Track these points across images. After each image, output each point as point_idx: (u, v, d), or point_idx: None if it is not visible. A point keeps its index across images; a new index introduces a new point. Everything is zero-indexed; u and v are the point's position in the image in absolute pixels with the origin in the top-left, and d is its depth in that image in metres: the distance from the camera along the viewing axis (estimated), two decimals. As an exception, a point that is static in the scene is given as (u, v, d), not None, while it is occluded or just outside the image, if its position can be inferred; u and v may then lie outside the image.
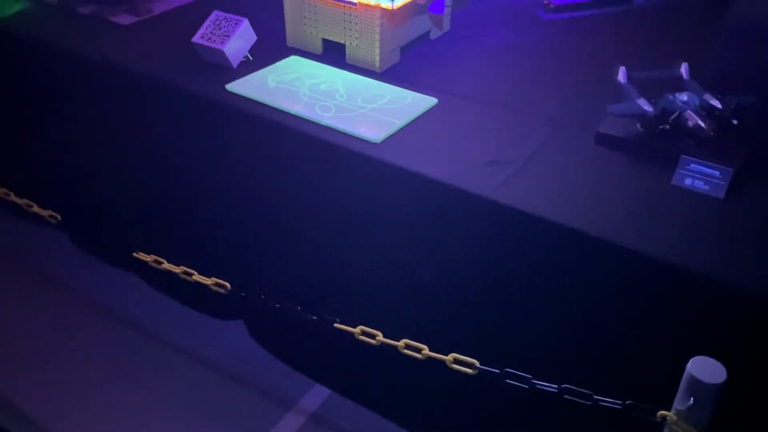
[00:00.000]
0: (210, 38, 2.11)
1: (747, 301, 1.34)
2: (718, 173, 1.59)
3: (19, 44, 2.40)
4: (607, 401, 1.33)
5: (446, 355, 1.42)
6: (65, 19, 2.49)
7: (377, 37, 2.06)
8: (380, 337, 1.52)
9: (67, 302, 2.68)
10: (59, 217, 2.14)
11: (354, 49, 2.13)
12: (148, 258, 1.86)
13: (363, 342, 1.54)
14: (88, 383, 2.37)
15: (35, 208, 2.18)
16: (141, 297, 2.51)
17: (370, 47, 2.09)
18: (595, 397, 1.32)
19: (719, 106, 1.71)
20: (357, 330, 1.55)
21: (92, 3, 2.55)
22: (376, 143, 1.78)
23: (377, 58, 2.10)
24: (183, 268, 1.79)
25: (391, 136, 1.81)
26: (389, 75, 2.11)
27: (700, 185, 1.60)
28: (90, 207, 2.37)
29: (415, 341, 1.48)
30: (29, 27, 2.42)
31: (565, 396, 1.34)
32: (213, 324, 2.42)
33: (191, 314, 2.42)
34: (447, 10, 2.34)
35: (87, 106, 2.33)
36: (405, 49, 2.22)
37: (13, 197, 2.25)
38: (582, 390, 1.34)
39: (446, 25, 2.39)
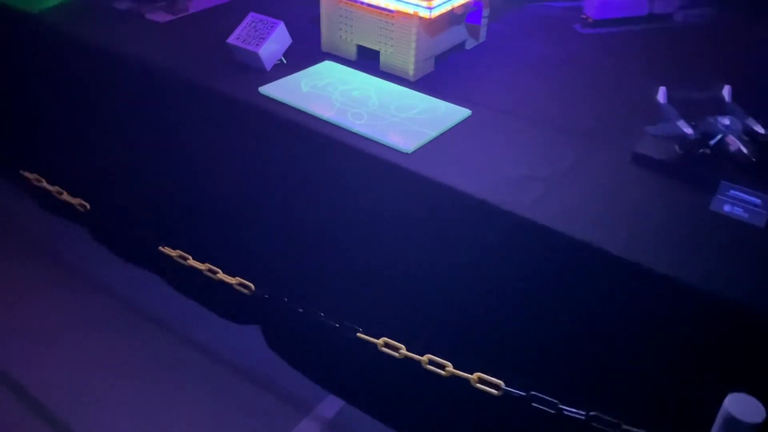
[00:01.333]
0: (245, 40, 2.10)
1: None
2: (759, 201, 1.55)
3: (55, 37, 2.41)
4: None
5: (471, 373, 1.39)
6: (102, 14, 2.50)
7: (413, 45, 2.04)
8: (403, 350, 1.49)
9: (88, 297, 2.69)
10: (88, 206, 2.14)
11: (388, 57, 2.12)
12: (174, 253, 1.86)
13: (385, 354, 1.51)
14: (106, 379, 2.38)
15: (65, 196, 2.20)
16: (163, 296, 2.51)
17: (405, 55, 2.07)
18: (625, 427, 1.28)
19: (762, 131, 1.67)
20: (380, 341, 1.52)
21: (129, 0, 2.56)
22: (407, 153, 1.76)
23: (412, 66, 2.08)
24: (208, 265, 1.79)
25: (423, 146, 1.79)
26: (423, 84, 2.09)
27: (739, 212, 1.56)
28: (118, 201, 2.38)
29: (438, 357, 1.45)
30: (66, 21, 2.43)
31: (593, 424, 1.31)
32: (233, 327, 2.41)
33: (212, 316, 2.41)
34: (484, 21, 2.32)
35: (119, 102, 2.34)
36: (440, 59, 2.19)
37: (45, 184, 2.27)
38: (611, 419, 1.30)
39: (482, 36, 2.36)
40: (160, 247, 1.89)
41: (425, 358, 1.47)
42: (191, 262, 1.82)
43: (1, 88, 2.70)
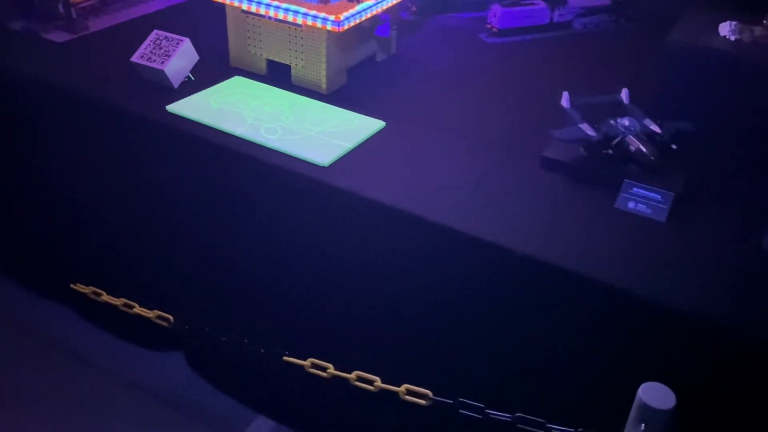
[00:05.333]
0: (150, 58, 2.04)
1: (689, 323, 1.36)
2: (659, 197, 1.63)
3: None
4: (560, 429, 1.32)
5: (399, 386, 1.39)
6: (-6, 34, 2.37)
7: (323, 58, 2.04)
8: (331, 369, 1.47)
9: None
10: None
11: (300, 71, 2.10)
12: (87, 290, 1.77)
13: (313, 374, 1.49)
14: (22, 414, 2.22)
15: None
16: (76, 328, 2.38)
17: (316, 69, 2.07)
18: (549, 425, 1.32)
19: (659, 131, 1.76)
20: (307, 363, 1.50)
21: (24, 18, 2.43)
22: (324, 166, 1.75)
23: (324, 80, 2.08)
24: (123, 300, 1.71)
25: (340, 159, 1.79)
26: (336, 97, 2.09)
27: (642, 209, 1.64)
28: (24, 236, 2.23)
29: (367, 373, 1.44)
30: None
31: (519, 425, 1.33)
32: (153, 355, 2.32)
33: (130, 346, 2.30)
34: (393, 33, 2.34)
35: (17, 127, 2.21)
36: (351, 72, 2.20)
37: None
38: (535, 419, 1.33)
39: (393, 48, 2.39)
40: (72, 285, 1.79)
41: (353, 375, 1.45)
42: (105, 297, 1.74)
43: None
